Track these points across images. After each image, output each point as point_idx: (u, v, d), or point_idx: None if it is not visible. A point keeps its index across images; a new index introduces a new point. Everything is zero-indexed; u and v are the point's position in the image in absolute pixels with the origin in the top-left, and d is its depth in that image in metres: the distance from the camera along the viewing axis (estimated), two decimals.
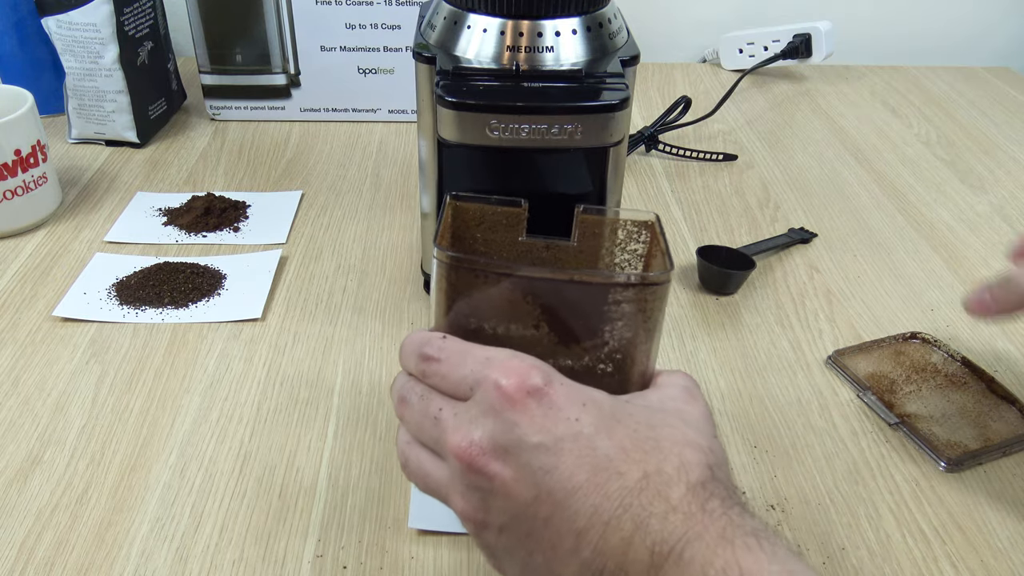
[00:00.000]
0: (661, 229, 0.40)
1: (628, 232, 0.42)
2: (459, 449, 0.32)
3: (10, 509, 0.47)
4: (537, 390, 0.31)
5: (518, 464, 0.31)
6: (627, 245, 0.43)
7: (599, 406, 0.32)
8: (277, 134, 0.90)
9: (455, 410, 0.33)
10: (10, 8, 0.83)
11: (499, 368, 0.32)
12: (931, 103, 1.03)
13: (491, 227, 0.43)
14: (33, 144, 0.70)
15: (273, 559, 0.44)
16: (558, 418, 0.31)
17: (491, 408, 0.32)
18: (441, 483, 0.34)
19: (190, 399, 0.54)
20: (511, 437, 0.31)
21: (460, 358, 0.34)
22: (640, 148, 0.88)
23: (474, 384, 0.33)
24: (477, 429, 0.32)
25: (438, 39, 0.52)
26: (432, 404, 0.34)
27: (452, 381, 0.34)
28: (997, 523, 0.48)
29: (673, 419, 0.34)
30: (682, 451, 0.32)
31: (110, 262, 0.67)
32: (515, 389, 0.31)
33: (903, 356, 0.58)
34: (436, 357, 0.34)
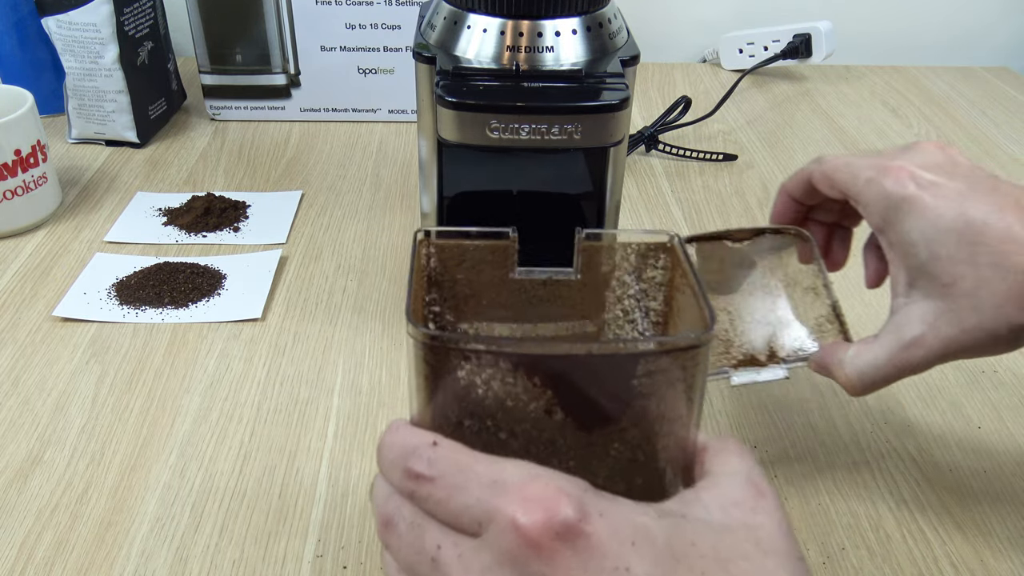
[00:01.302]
0: (685, 253, 0.34)
1: (642, 257, 0.36)
2: None
3: (10, 509, 0.47)
4: (570, 529, 0.24)
5: None
6: (643, 272, 0.37)
7: (651, 540, 0.25)
8: (277, 134, 0.90)
9: (459, 550, 0.26)
10: (10, 8, 0.83)
11: (516, 499, 0.25)
12: (931, 103, 1.03)
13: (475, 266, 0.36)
14: (33, 144, 0.70)
15: (273, 559, 0.44)
16: (602, 568, 0.24)
17: (509, 557, 0.24)
18: None
19: (190, 399, 0.54)
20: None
21: (460, 478, 0.26)
22: (640, 148, 0.88)
23: (483, 518, 0.25)
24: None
25: (438, 39, 0.52)
26: (428, 538, 0.27)
27: (451, 510, 0.26)
28: (997, 523, 0.48)
29: (745, 546, 0.26)
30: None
31: (110, 262, 0.67)
32: (541, 531, 0.24)
33: None
34: (427, 475, 0.27)
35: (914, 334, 0.39)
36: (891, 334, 0.40)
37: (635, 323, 0.38)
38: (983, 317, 0.36)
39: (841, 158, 0.42)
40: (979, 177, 0.39)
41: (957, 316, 0.37)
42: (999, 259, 0.36)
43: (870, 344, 0.41)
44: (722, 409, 0.55)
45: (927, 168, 0.39)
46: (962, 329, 0.37)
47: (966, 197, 0.37)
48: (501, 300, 0.37)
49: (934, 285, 0.38)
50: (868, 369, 0.41)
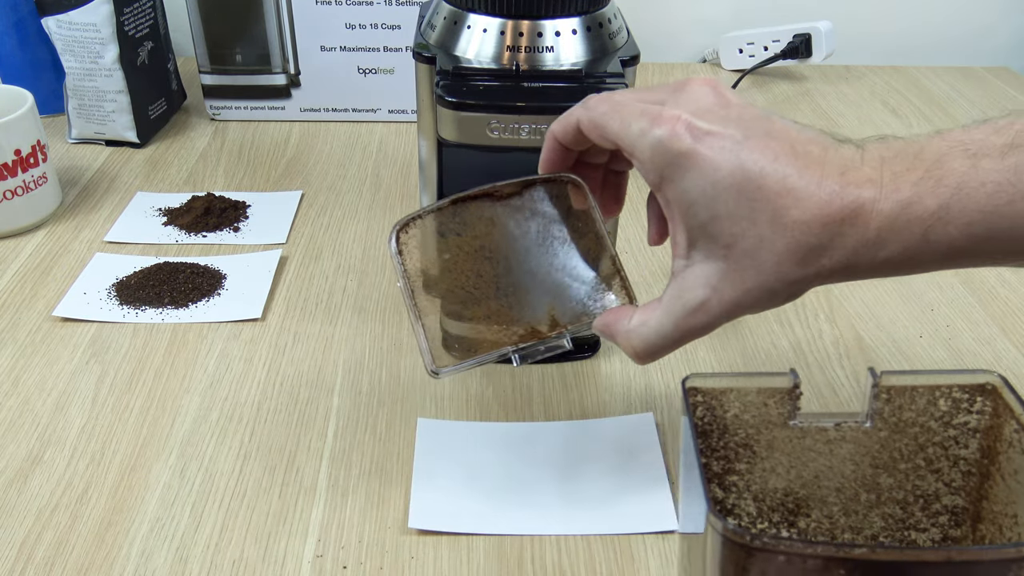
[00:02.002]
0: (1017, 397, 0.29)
1: (955, 400, 0.31)
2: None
3: (10, 509, 0.47)
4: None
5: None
6: (954, 417, 0.32)
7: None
8: (277, 134, 0.90)
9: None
10: (10, 8, 0.83)
11: None
12: (931, 103, 1.03)
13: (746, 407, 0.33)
14: (33, 144, 0.70)
15: (273, 559, 0.44)
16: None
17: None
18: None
19: (190, 399, 0.54)
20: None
21: None
22: None
23: None
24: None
25: (438, 39, 0.52)
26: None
27: None
28: None
29: None
30: None
31: (110, 262, 0.67)
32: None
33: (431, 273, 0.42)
34: None
35: (698, 299, 0.37)
36: (675, 300, 0.38)
37: (940, 473, 0.33)
38: (764, 276, 0.35)
39: (608, 101, 0.39)
40: (753, 118, 0.37)
41: (740, 276, 0.36)
42: (776, 215, 0.34)
43: (654, 310, 0.39)
44: None
45: (701, 115, 0.36)
46: (745, 290, 0.36)
47: (742, 147, 0.35)
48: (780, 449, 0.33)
49: (715, 246, 0.36)
50: (654, 338, 0.39)
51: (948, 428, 0.31)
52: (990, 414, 0.30)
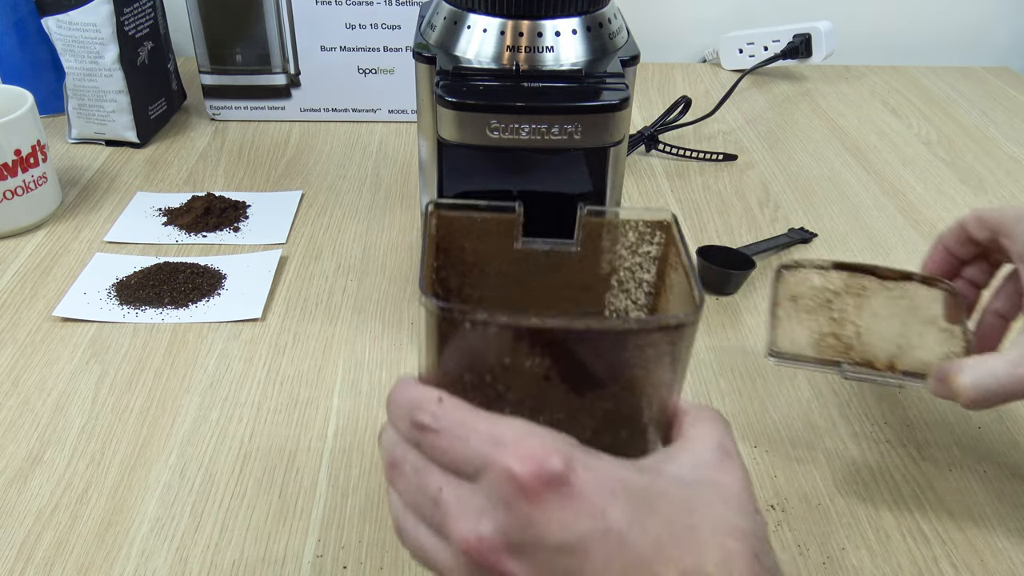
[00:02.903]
0: (680, 232, 0.36)
1: (640, 234, 0.38)
2: (467, 544, 0.28)
3: (10, 509, 0.47)
4: (557, 479, 0.27)
5: (537, 564, 0.28)
6: (638, 247, 0.39)
7: (629, 492, 0.28)
8: (277, 134, 0.90)
9: (458, 493, 0.29)
10: (10, 8, 0.83)
11: (512, 452, 0.28)
12: (931, 103, 1.03)
13: (480, 236, 0.38)
14: (33, 144, 0.70)
15: (273, 559, 0.44)
16: (583, 512, 0.27)
17: (503, 499, 0.28)
18: (444, 566, 0.30)
19: (190, 399, 0.54)
20: (527, 535, 0.27)
21: (462, 432, 0.29)
22: (640, 148, 0.88)
23: (480, 467, 0.28)
24: (487, 523, 0.28)
25: (438, 39, 0.52)
26: (430, 481, 0.30)
27: (453, 459, 0.29)
28: (997, 523, 0.48)
29: (710, 496, 0.30)
30: (724, 541, 0.28)
31: (110, 262, 0.67)
32: (531, 478, 0.27)
33: (801, 302, 0.51)
34: (432, 427, 0.30)
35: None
36: (1016, 348, 0.42)
37: (628, 293, 0.40)
38: None
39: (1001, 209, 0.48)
40: None
41: None
42: None
43: (991, 356, 0.43)
44: (722, 409, 0.55)
45: None
46: None
47: None
48: (505, 269, 0.39)
49: None
50: (985, 379, 0.42)
51: (635, 256, 0.39)
52: (664, 244, 0.38)
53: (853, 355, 0.47)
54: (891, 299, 0.50)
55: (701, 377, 0.57)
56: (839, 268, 0.52)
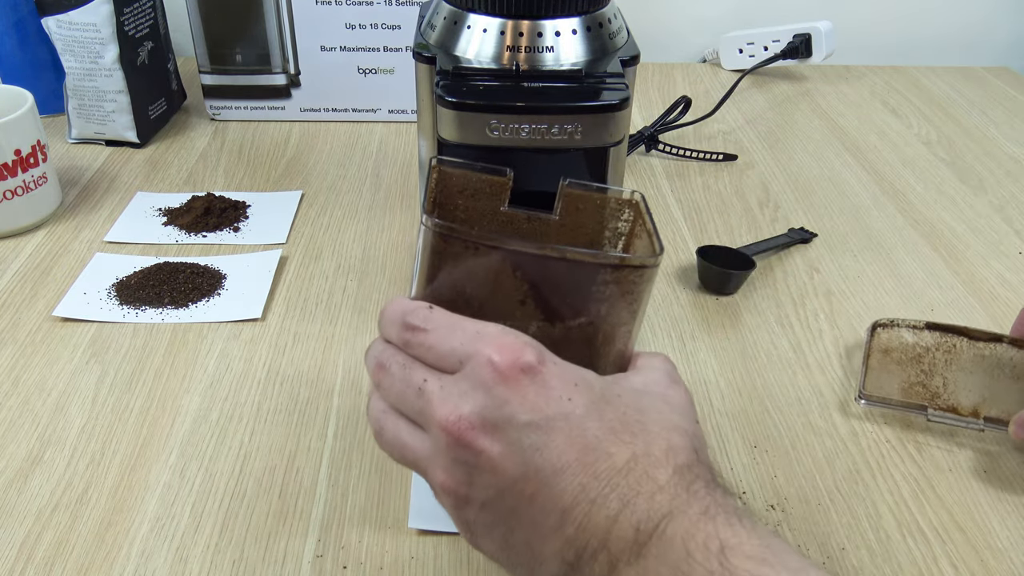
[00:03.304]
0: (647, 208, 0.40)
1: (612, 210, 0.42)
2: (447, 422, 0.32)
3: (10, 509, 0.47)
4: (530, 368, 0.31)
5: (507, 441, 0.31)
6: (610, 223, 0.42)
7: (590, 387, 0.33)
8: (277, 134, 0.90)
9: (441, 382, 0.33)
10: (10, 8, 0.83)
11: (492, 343, 0.32)
12: (931, 103, 1.03)
13: (474, 195, 0.42)
14: (33, 144, 0.70)
15: (273, 559, 0.44)
16: (550, 397, 0.31)
17: (482, 383, 0.31)
18: (421, 455, 0.34)
19: (190, 399, 0.54)
20: (502, 413, 0.31)
21: (448, 330, 0.33)
22: (640, 148, 0.88)
23: (464, 358, 0.32)
24: (466, 403, 0.32)
25: (438, 39, 0.52)
26: (416, 374, 0.33)
27: (438, 353, 0.33)
28: (997, 523, 0.48)
29: (659, 403, 0.34)
30: (669, 435, 0.32)
31: (110, 262, 0.67)
32: (508, 366, 0.31)
33: (892, 355, 0.56)
34: (422, 327, 0.34)
35: None
36: None
37: None
38: None
39: None
40: None
41: None
42: None
43: None
44: (722, 409, 0.55)
45: None
46: None
47: None
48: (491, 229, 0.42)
49: None
50: None
51: (606, 230, 0.42)
52: (632, 221, 0.41)
53: (939, 402, 0.52)
54: (980, 357, 0.54)
55: (701, 377, 0.57)
56: (931, 328, 0.56)
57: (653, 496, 0.30)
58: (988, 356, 0.54)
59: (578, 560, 0.31)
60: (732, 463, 0.51)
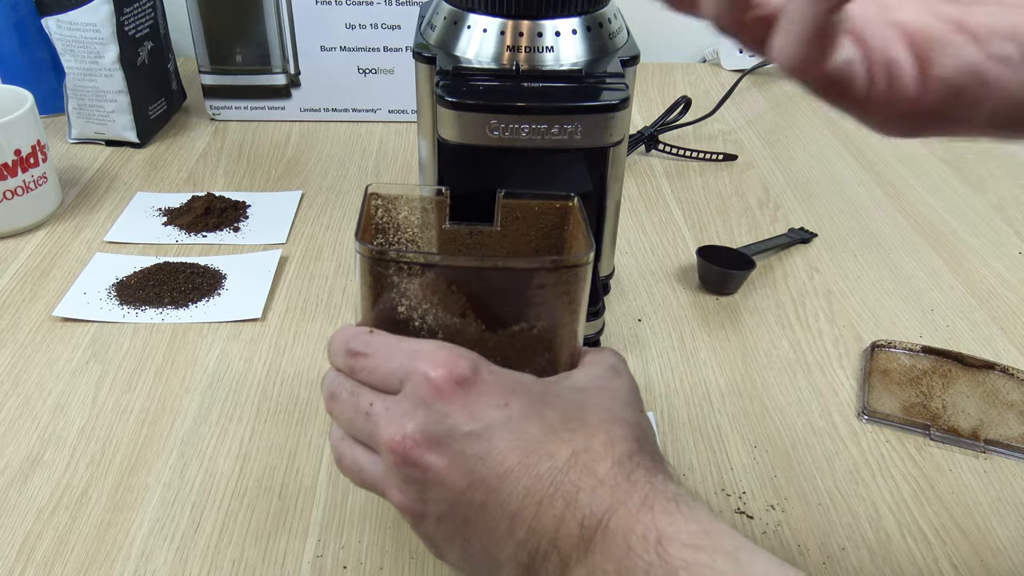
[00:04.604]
0: (582, 211, 0.41)
1: (549, 215, 0.43)
2: (392, 442, 0.32)
3: (10, 509, 0.47)
4: (465, 380, 0.32)
5: (451, 453, 0.32)
6: (551, 229, 0.43)
7: (527, 390, 0.33)
8: (277, 134, 0.90)
9: (386, 404, 0.34)
10: (10, 8, 0.83)
11: (427, 360, 0.33)
12: None
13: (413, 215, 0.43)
14: (33, 144, 0.70)
15: (273, 559, 0.44)
16: (488, 405, 0.32)
17: (421, 400, 0.32)
18: (377, 478, 0.35)
19: (190, 399, 0.54)
20: (443, 427, 0.32)
21: (388, 352, 0.34)
22: (640, 148, 0.88)
23: (403, 377, 0.33)
24: (409, 422, 0.32)
25: (438, 39, 0.52)
26: (362, 399, 0.34)
27: (381, 375, 0.34)
28: (997, 523, 0.48)
29: (600, 397, 0.35)
30: (609, 427, 0.33)
31: (110, 262, 0.67)
32: (444, 380, 0.32)
33: (892, 375, 0.58)
34: (364, 352, 0.35)
35: None
36: None
37: None
38: None
39: None
40: None
41: None
42: None
43: None
44: (722, 409, 0.55)
45: None
46: None
47: None
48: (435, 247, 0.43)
49: None
50: None
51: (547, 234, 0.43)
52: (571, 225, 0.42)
53: (940, 423, 0.54)
54: (975, 383, 0.57)
55: (701, 377, 0.57)
56: (927, 352, 0.59)
57: (594, 491, 0.31)
58: (983, 383, 0.57)
59: (532, 562, 0.31)
60: (732, 463, 0.51)
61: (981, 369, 0.58)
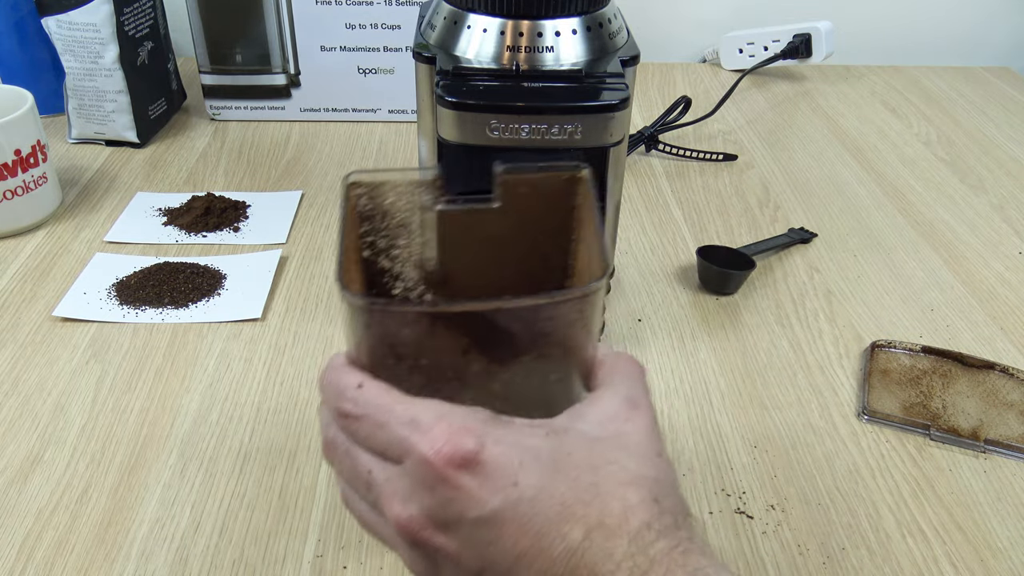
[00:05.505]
0: (592, 184, 0.38)
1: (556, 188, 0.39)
2: (398, 522, 0.31)
3: (10, 509, 0.47)
4: (468, 460, 0.30)
5: (460, 538, 0.30)
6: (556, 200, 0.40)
7: (537, 458, 0.31)
8: (277, 134, 0.90)
9: (386, 475, 0.31)
10: (10, 8, 0.83)
11: (426, 436, 0.30)
12: (931, 103, 1.03)
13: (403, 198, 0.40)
14: (33, 144, 0.70)
15: (273, 559, 0.44)
16: (495, 487, 0.30)
17: (423, 483, 0.30)
18: (387, 539, 0.33)
19: (190, 399, 0.54)
20: (450, 512, 0.30)
21: (382, 418, 0.31)
22: (640, 148, 0.88)
23: (402, 452, 0.31)
24: (413, 504, 0.31)
25: (438, 39, 0.52)
26: (360, 463, 0.32)
27: (377, 443, 0.32)
28: (997, 523, 0.48)
29: (614, 451, 0.32)
30: (624, 492, 0.31)
31: (110, 262, 0.67)
32: (446, 463, 0.29)
33: (892, 375, 0.58)
34: (354, 415, 0.32)
35: None
36: None
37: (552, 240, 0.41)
38: None
39: None
40: None
41: None
42: None
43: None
44: (722, 409, 0.55)
45: None
46: None
47: None
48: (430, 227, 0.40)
49: None
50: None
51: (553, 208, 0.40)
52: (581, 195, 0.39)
53: (940, 423, 0.54)
54: (975, 383, 0.57)
55: (701, 377, 0.57)
56: (927, 352, 0.59)
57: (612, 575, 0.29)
58: (982, 383, 0.57)
59: None
60: (732, 463, 0.51)
61: (981, 369, 0.58)
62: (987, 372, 0.58)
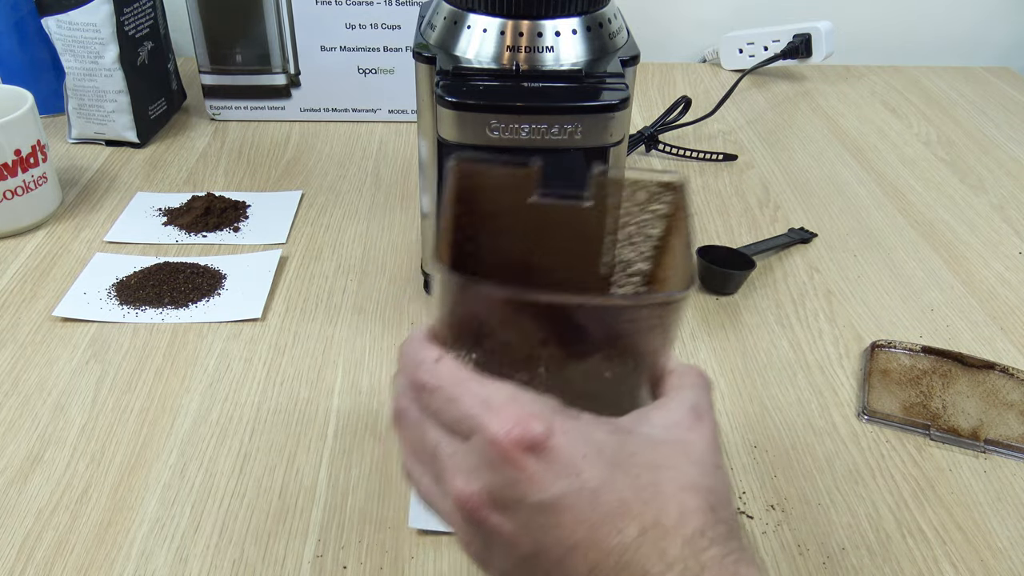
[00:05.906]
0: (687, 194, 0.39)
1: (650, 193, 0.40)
2: (459, 497, 0.32)
3: (10, 509, 0.47)
4: (535, 444, 0.30)
5: (518, 520, 0.31)
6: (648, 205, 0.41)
7: (601, 453, 0.31)
8: (277, 134, 0.90)
9: (452, 449, 0.32)
10: (10, 8, 0.83)
11: (497, 416, 0.31)
12: (931, 103, 1.03)
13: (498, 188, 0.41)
14: (33, 144, 0.70)
15: (273, 559, 0.44)
16: (559, 474, 0.31)
17: (488, 461, 0.31)
18: (445, 513, 0.34)
19: (190, 399, 0.54)
20: (511, 493, 0.31)
21: (456, 393, 0.32)
22: (640, 148, 0.88)
23: (470, 429, 0.31)
24: (476, 479, 0.31)
25: (438, 39, 0.52)
26: (428, 434, 0.33)
27: (447, 417, 0.33)
28: (997, 523, 0.48)
29: (676, 457, 0.33)
30: (683, 498, 0.31)
31: (110, 262, 0.67)
32: (514, 444, 0.30)
33: (892, 375, 0.58)
34: (430, 387, 0.33)
35: None
36: None
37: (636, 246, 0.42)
38: None
39: None
40: None
41: None
42: None
43: None
44: (722, 409, 0.55)
45: None
46: None
47: None
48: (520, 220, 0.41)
49: None
50: None
51: (644, 212, 0.41)
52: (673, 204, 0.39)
53: (940, 423, 0.54)
54: (975, 383, 0.57)
55: None
56: (927, 352, 0.59)
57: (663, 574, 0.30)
58: (982, 383, 0.57)
59: None
60: (732, 463, 0.51)
61: (981, 369, 0.58)
62: (987, 372, 0.58)
